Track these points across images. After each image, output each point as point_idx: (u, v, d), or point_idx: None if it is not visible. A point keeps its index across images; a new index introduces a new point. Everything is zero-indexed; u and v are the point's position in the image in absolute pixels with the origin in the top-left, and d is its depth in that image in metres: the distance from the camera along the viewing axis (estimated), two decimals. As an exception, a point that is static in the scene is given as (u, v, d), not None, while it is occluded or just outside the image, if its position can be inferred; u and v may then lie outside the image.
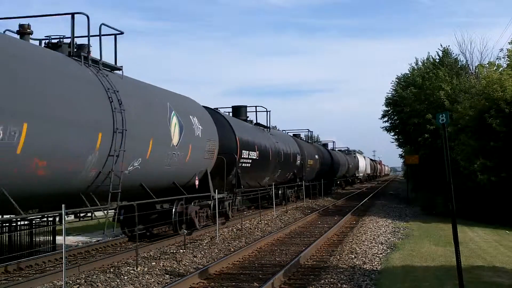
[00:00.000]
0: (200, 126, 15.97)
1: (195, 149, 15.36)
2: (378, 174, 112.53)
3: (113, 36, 12.70)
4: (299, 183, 30.97)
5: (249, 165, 21.03)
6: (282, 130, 38.13)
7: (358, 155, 73.23)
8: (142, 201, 12.92)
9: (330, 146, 54.31)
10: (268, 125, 26.83)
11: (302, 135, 42.83)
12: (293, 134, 37.42)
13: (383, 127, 42.51)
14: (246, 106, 25.25)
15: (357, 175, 68.87)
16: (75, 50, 11.24)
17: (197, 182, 16.07)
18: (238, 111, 24.59)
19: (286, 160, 27.59)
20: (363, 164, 76.70)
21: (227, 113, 23.17)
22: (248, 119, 25.09)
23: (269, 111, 26.87)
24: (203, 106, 18.63)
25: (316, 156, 37.62)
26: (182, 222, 15.42)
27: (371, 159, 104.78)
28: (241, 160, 20.13)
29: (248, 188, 22.27)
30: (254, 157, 21.48)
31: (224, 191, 18.20)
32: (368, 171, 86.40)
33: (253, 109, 26.30)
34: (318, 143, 53.61)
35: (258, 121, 26.35)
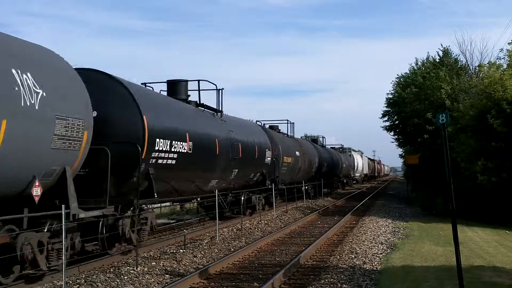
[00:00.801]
0: (38, 89, 8.85)
1: (20, 129, 8.36)
2: (377, 174, 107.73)
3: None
4: (269, 186, 23.67)
5: (173, 161, 13.93)
6: (254, 121, 27.27)
7: (354, 154, 67.39)
8: None
9: (324, 142, 48.29)
10: (220, 108, 18.96)
11: (284, 129, 33.25)
12: (269, 126, 29.49)
13: (383, 127, 42.54)
14: (187, 81, 17.63)
15: (352, 175, 63.60)
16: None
17: (38, 192, 9.06)
18: (175, 88, 17.16)
19: (247, 156, 20.49)
20: (360, 164, 71.11)
21: (159, 91, 16.75)
22: (191, 99, 17.58)
23: (221, 89, 19.03)
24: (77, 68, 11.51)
25: (297, 153, 30.10)
26: None
27: (369, 158, 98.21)
28: (154, 155, 12.89)
29: (175, 196, 15.92)
30: (184, 151, 14.46)
31: (111, 204, 11.43)
32: (366, 171, 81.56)
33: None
34: (307, 138, 47.89)
35: (203, 102, 18.24)
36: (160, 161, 13.17)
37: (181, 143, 14.31)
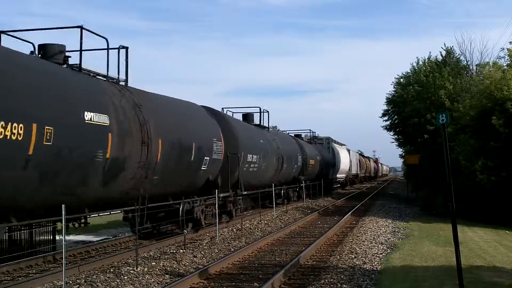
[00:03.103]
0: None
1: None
2: (373, 174, 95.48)
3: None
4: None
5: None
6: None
7: (336, 147, 48.82)
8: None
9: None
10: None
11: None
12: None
13: (383, 126, 42.52)
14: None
15: (332, 176, 45.50)
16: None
17: None
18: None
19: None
20: (345, 160, 51.93)
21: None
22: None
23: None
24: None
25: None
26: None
27: (362, 155, 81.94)
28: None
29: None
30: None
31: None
32: (356, 170, 64.01)
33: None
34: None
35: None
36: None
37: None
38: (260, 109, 26.18)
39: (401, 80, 38.94)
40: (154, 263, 11.81)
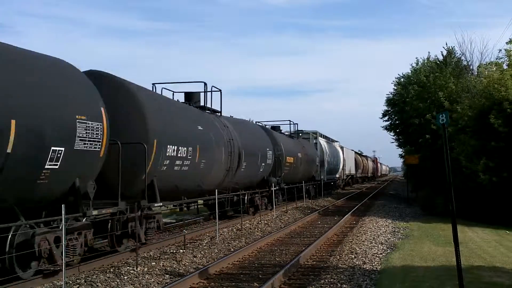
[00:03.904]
0: None
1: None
2: (372, 175, 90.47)
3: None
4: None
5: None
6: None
7: (322, 142, 40.99)
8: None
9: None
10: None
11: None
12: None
13: (383, 127, 42.53)
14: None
15: (320, 177, 37.89)
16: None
17: None
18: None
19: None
20: (337, 159, 44.73)
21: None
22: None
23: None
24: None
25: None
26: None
27: (358, 153, 73.27)
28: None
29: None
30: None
31: None
32: (351, 170, 57.35)
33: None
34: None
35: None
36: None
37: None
38: (205, 85, 18.45)
39: (401, 80, 38.96)
40: (154, 263, 11.82)
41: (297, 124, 34.17)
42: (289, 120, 33.75)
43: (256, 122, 28.05)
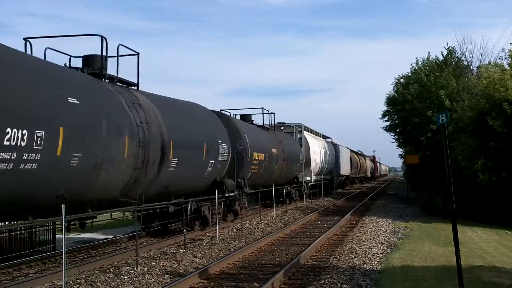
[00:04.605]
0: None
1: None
2: (371, 175, 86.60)
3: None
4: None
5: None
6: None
7: (313, 138, 36.66)
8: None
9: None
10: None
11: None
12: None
13: (383, 127, 42.56)
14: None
15: (304, 179, 31.98)
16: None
17: None
18: None
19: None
20: (323, 155, 38.17)
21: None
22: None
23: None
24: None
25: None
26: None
27: (356, 152, 67.73)
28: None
29: None
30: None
31: None
32: (346, 170, 50.67)
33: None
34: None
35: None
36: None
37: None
38: (104, 41, 12.47)
39: (401, 80, 38.97)
40: (154, 263, 11.82)
41: (273, 113, 27.24)
42: (262, 108, 25.94)
43: (221, 110, 22.12)
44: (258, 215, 21.82)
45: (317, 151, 35.63)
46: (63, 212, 9.24)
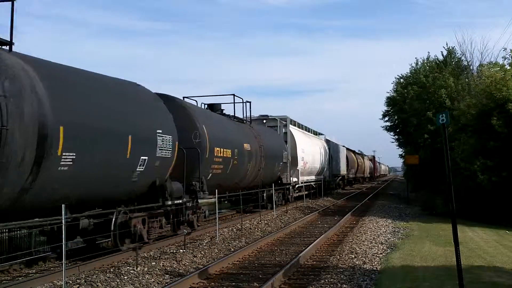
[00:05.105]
0: None
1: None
2: (369, 175, 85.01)
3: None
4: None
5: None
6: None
7: (301, 134, 32.28)
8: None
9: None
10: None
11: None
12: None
13: (383, 127, 42.62)
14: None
15: (289, 180, 28.05)
16: None
17: None
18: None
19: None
20: (319, 156, 35.78)
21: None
22: None
23: None
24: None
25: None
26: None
27: (353, 151, 63.67)
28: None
29: None
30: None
31: None
32: (341, 170, 47.68)
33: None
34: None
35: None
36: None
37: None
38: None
39: (401, 80, 39.02)
40: (154, 263, 11.81)
41: (249, 102, 22.65)
42: (233, 95, 21.59)
43: (185, 97, 19.11)
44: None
45: (306, 149, 31.40)
46: (63, 212, 9.24)
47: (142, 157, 12.24)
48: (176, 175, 14.45)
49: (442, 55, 35.52)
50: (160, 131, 13.22)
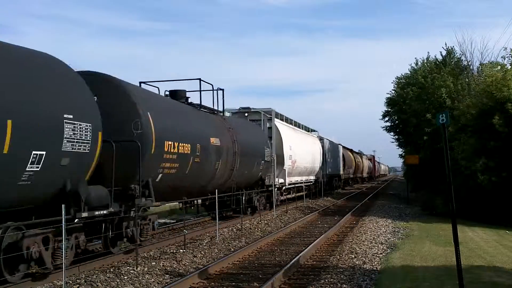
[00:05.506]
0: None
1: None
2: (368, 175, 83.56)
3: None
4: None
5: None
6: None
7: (282, 126, 27.29)
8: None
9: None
10: None
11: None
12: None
13: (383, 127, 42.61)
14: None
15: (284, 181, 26.36)
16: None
17: None
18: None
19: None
20: (310, 154, 32.78)
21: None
22: None
23: None
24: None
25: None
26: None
27: (350, 150, 59.99)
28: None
29: None
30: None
31: None
32: (336, 170, 44.75)
33: None
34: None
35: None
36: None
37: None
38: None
39: (401, 80, 39.02)
40: (154, 263, 11.82)
41: (221, 90, 19.44)
42: (199, 79, 17.84)
43: (141, 82, 16.65)
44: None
45: (295, 146, 28.16)
46: (63, 212, 9.23)
47: (34, 152, 8.76)
48: (108, 177, 11.20)
49: (441, 55, 35.54)
50: (71, 116, 9.60)
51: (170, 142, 13.57)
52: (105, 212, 11.09)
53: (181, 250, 13.64)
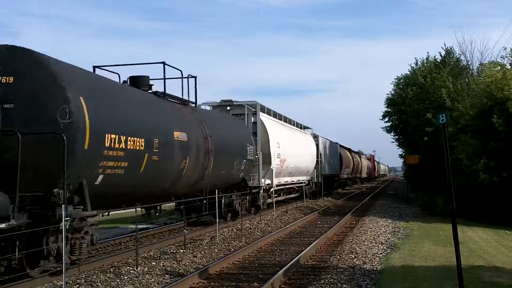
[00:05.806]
0: None
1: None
2: (367, 175, 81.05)
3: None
4: None
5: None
6: None
7: (268, 121, 24.34)
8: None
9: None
10: None
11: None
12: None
13: (383, 127, 42.60)
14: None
15: (257, 183, 22.08)
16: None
17: None
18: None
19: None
20: (303, 152, 30.25)
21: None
22: None
23: None
24: None
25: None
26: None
27: (346, 148, 55.68)
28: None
29: None
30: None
31: None
32: (332, 170, 41.77)
33: None
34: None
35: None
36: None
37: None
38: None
39: (400, 81, 39.02)
40: (154, 263, 11.81)
41: (194, 77, 16.77)
42: (163, 63, 14.75)
43: (95, 66, 13.81)
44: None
45: (284, 143, 25.54)
46: (63, 212, 9.22)
47: None
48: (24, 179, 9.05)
49: (441, 55, 35.54)
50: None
51: (113, 136, 10.86)
52: (2, 226, 8.57)
53: (181, 250, 13.64)
